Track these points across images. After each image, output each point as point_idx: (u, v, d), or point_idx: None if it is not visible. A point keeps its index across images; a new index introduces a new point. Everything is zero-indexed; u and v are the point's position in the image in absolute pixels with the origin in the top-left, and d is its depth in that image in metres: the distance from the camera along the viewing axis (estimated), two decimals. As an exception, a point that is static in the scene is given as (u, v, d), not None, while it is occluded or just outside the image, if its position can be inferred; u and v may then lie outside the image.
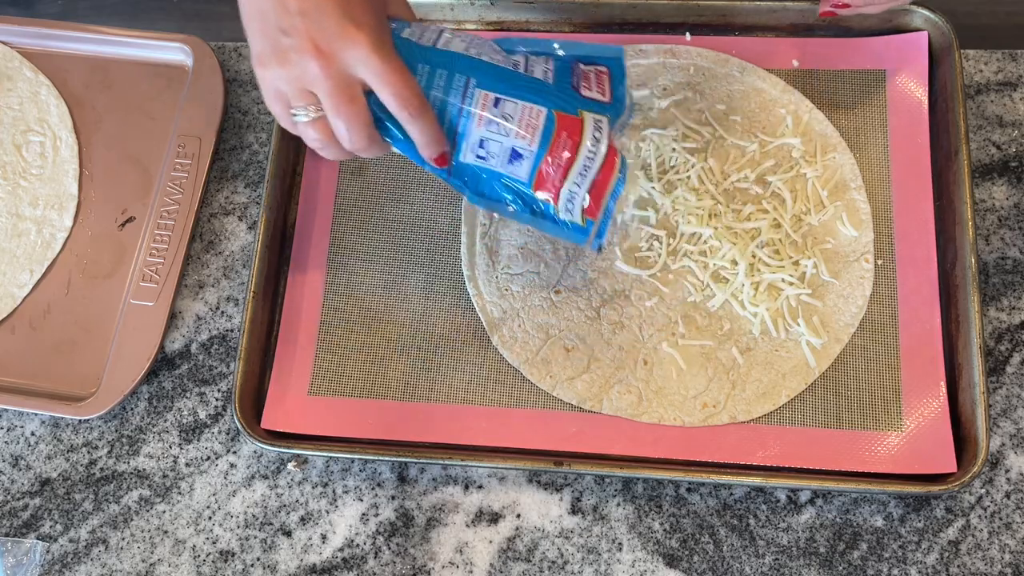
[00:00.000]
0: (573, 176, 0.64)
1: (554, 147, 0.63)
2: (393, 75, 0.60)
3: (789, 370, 0.73)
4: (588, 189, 0.64)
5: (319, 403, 0.75)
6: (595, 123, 0.64)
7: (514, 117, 0.63)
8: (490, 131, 0.63)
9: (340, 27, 0.59)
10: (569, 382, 0.74)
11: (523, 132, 0.63)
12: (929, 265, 0.75)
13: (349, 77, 0.60)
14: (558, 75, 0.65)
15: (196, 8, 0.92)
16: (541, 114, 0.63)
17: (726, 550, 0.70)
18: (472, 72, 0.63)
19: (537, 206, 0.66)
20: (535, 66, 0.66)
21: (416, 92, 0.61)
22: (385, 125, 0.63)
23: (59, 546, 0.73)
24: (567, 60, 0.67)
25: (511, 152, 0.64)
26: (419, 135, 0.63)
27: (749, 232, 0.75)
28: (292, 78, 0.61)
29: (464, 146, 0.64)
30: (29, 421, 0.77)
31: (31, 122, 0.85)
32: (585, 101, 0.65)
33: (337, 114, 0.61)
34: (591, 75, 0.67)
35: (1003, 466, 0.71)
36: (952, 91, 0.77)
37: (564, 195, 0.64)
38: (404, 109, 0.61)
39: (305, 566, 0.72)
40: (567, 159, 0.64)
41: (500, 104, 0.63)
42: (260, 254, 0.77)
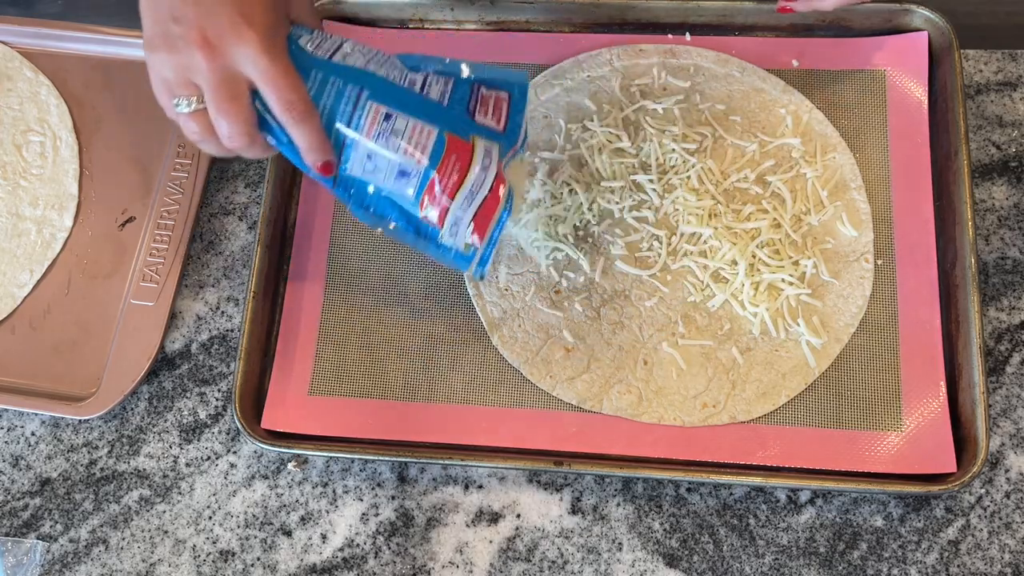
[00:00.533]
0: (459, 201, 0.63)
1: (442, 169, 0.62)
2: (280, 78, 0.59)
3: (789, 370, 0.73)
4: (473, 216, 0.64)
5: (319, 403, 0.75)
6: (485, 150, 0.63)
7: (404, 133, 0.62)
8: (379, 145, 0.62)
9: (232, 22, 0.58)
10: (569, 382, 0.74)
11: (412, 150, 0.62)
12: (929, 265, 0.75)
13: (235, 74, 0.59)
14: (455, 97, 0.64)
15: (196, 8, 0.92)
16: (432, 134, 0.62)
17: (726, 550, 0.70)
18: (365, 84, 0.62)
19: (421, 228, 0.65)
20: (433, 86, 0.64)
21: (302, 96, 0.60)
22: (270, 126, 0.62)
23: (59, 546, 0.73)
24: (469, 81, 0.66)
25: (398, 169, 0.63)
26: (302, 140, 0.61)
27: (749, 232, 0.76)
28: (177, 66, 0.59)
29: (352, 157, 0.63)
30: (29, 421, 0.77)
31: (31, 122, 0.85)
32: (478, 127, 0.64)
33: (218, 110, 0.60)
34: (490, 100, 0.66)
35: (1003, 466, 0.71)
36: (952, 91, 0.77)
37: (449, 219, 0.64)
38: (288, 112, 0.60)
39: (305, 566, 0.72)
40: (454, 183, 0.63)
41: (391, 119, 0.62)
42: (260, 254, 0.77)
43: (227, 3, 0.58)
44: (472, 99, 0.65)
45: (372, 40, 0.85)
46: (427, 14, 0.86)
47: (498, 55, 0.84)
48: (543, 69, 0.83)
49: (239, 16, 0.58)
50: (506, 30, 0.85)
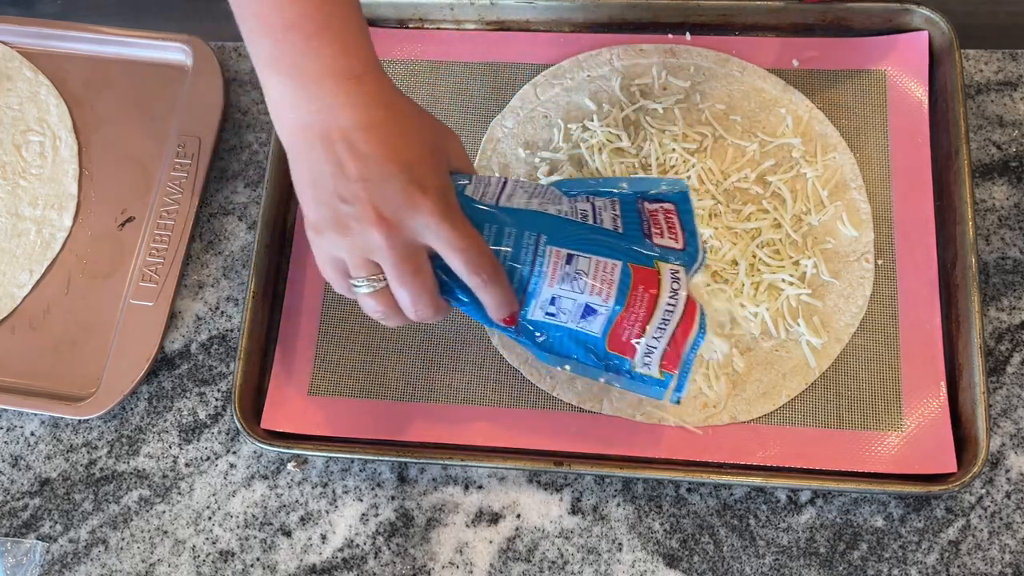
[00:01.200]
0: (651, 331, 0.61)
1: (631, 302, 0.60)
2: (463, 241, 0.56)
3: (789, 370, 0.73)
4: (667, 343, 0.61)
5: (319, 403, 0.75)
6: (672, 274, 0.61)
7: (588, 273, 0.60)
8: (563, 289, 0.60)
9: (405, 193, 0.55)
10: (569, 382, 0.74)
11: (598, 288, 0.60)
12: (929, 265, 0.75)
13: (415, 245, 0.57)
14: (626, 220, 0.62)
15: (196, 8, 0.92)
16: (616, 268, 0.60)
17: (726, 550, 0.70)
18: (541, 228, 0.60)
19: (611, 362, 0.63)
20: (603, 213, 0.62)
21: (488, 257, 0.58)
22: (450, 287, 0.60)
23: (59, 546, 0.73)
24: (631, 198, 0.64)
25: (584, 308, 0.61)
26: (490, 300, 0.59)
27: (749, 232, 0.75)
28: (353, 247, 0.57)
29: (533, 304, 0.61)
30: (29, 421, 0.77)
31: (31, 122, 0.85)
32: (659, 251, 0.62)
33: (402, 285, 0.57)
34: (659, 216, 0.63)
35: (1003, 466, 0.71)
36: (952, 91, 0.77)
37: (641, 350, 0.61)
38: (477, 276, 0.57)
39: (305, 566, 0.72)
40: (645, 314, 0.60)
41: (573, 260, 0.60)
42: (260, 254, 0.77)
43: (397, 174, 0.55)
44: (643, 220, 0.63)
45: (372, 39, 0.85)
46: (427, 14, 0.85)
47: (498, 55, 0.84)
48: (543, 69, 0.83)
49: (412, 186, 0.55)
50: (506, 30, 0.85)
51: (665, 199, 0.64)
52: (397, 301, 0.59)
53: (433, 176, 0.57)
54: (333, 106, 0.56)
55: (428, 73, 0.84)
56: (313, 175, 0.57)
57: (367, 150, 0.56)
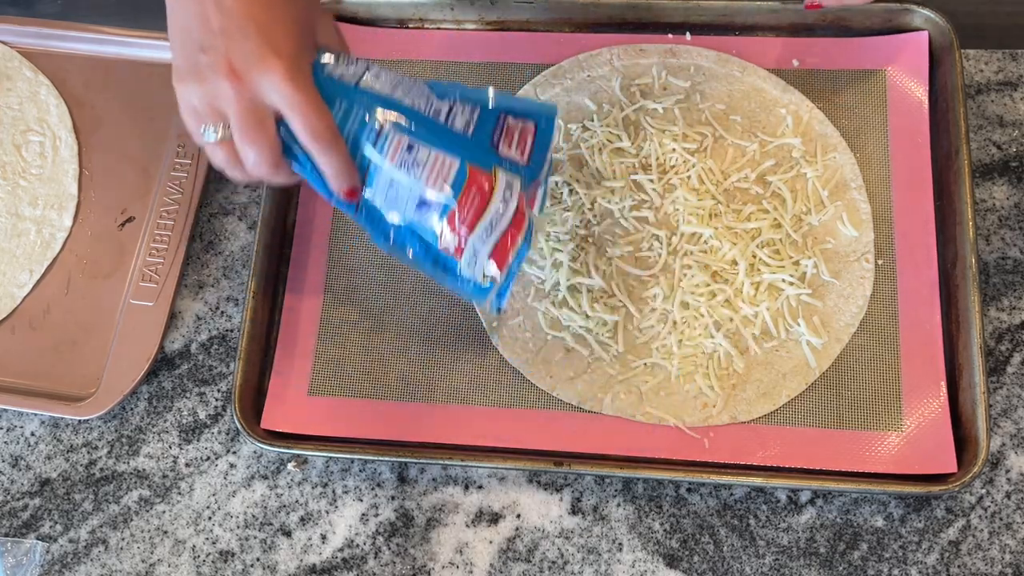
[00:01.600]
0: (478, 233, 0.63)
1: (463, 200, 0.62)
2: (306, 105, 0.59)
3: (789, 370, 0.73)
4: (492, 248, 0.64)
5: (319, 403, 0.75)
6: (507, 182, 0.63)
7: (426, 164, 0.62)
8: (400, 174, 0.62)
9: (258, 51, 0.58)
10: (569, 382, 0.74)
11: (433, 180, 0.62)
12: (929, 265, 0.75)
13: (261, 102, 0.60)
14: (480, 126, 0.64)
15: (196, 8, 0.92)
16: (454, 165, 0.62)
17: (726, 550, 0.70)
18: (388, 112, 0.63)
19: (440, 259, 0.65)
20: (458, 116, 0.64)
21: (328, 124, 0.60)
22: (295, 154, 0.62)
23: (59, 546, 0.73)
24: (495, 111, 0.66)
25: (419, 200, 0.63)
26: (329, 168, 0.62)
27: (749, 232, 0.75)
28: (205, 95, 0.60)
29: (374, 186, 0.63)
30: (29, 421, 0.77)
31: (31, 122, 0.85)
32: (501, 159, 0.64)
33: (244, 138, 0.60)
34: (515, 131, 0.66)
35: (1003, 466, 0.71)
36: (952, 91, 0.77)
37: (467, 251, 0.63)
38: (315, 141, 0.60)
39: (305, 566, 0.72)
40: (474, 214, 0.63)
41: (413, 149, 0.62)
42: (260, 254, 0.77)
43: (253, 33, 0.58)
44: (497, 129, 0.65)
45: (372, 39, 0.85)
46: (427, 14, 0.86)
47: (498, 55, 0.84)
48: (543, 69, 0.83)
49: (265, 45, 0.58)
50: (506, 30, 0.85)
51: (528, 116, 0.67)
52: (239, 153, 0.61)
53: (289, 42, 0.59)
54: None
55: (428, 73, 0.84)
56: (182, 24, 0.61)
57: (231, 6, 0.59)
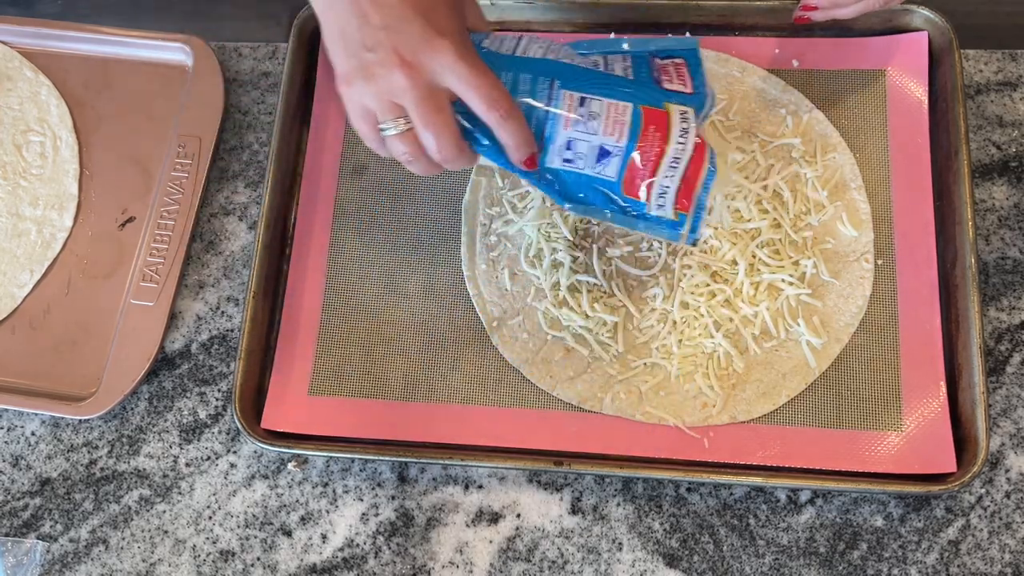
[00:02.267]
0: (663, 170, 0.63)
1: (643, 142, 0.62)
2: (479, 79, 0.60)
3: (789, 370, 0.73)
4: (679, 183, 0.63)
5: (319, 403, 0.75)
6: (681, 115, 0.63)
7: (600, 115, 0.62)
8: (577, 131, 0.63)
9: (424, 36, 0.59)
10: (569, 382, 0.74)
11: (610, 129, 0.62)
12: (929, 265, 0.75)
13: (436, 86, 0.60)
14: (637, 70, 0.65)
15: (196, 8, 0.92)
16: (627, 110, 0.63)
17: (726, 550, 0.70)
18: (555, 74, 0.63)
19: (628, 205, 0.65)
20: (614, 64, 0.65)
21: (504, 94, 0.61)
22: (472, 134, 0.63)
23: (59, 546, 0.73)
24: (643, 55, 0.66)
25: (599, 151, 0.63)
26: (509, 138, 0.62)
27: (749, 232, 0.76)
28: (378, 92, 0.60)
29: (551, 149, 0.64)
30: (29, 421, 0.77)
31: (31, 122, 0.85)
32: (669, 94, 0.64)
33: (425, 124, 0.60)
34: (670, 68, 0.66)
35: (1003, 466, 0.71)
36: (952, 91, 0.77)
37: (655, 191, 0.63)
38: (493, 111, 0.60)
39: (305, 566, 0.72)
40: (656, 154, 0.62)
41: (586, 103, 0.63)
42: (260, 254, 0.77)
43: (416, 20, 0.59)
44: (652, 70, 0.65)
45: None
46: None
47: (498, 55, 0.84)
48: (543, 69, 0.83)
49: (430, 29, 0.59)
50: (506, 30, 0.85)
51: (675, 54, 0.67)
52: (421, 142, 0.61)
53: (450, 21, 0.60)
54: None
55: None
56: (340, 28, 0.60)
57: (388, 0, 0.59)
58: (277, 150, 0.80)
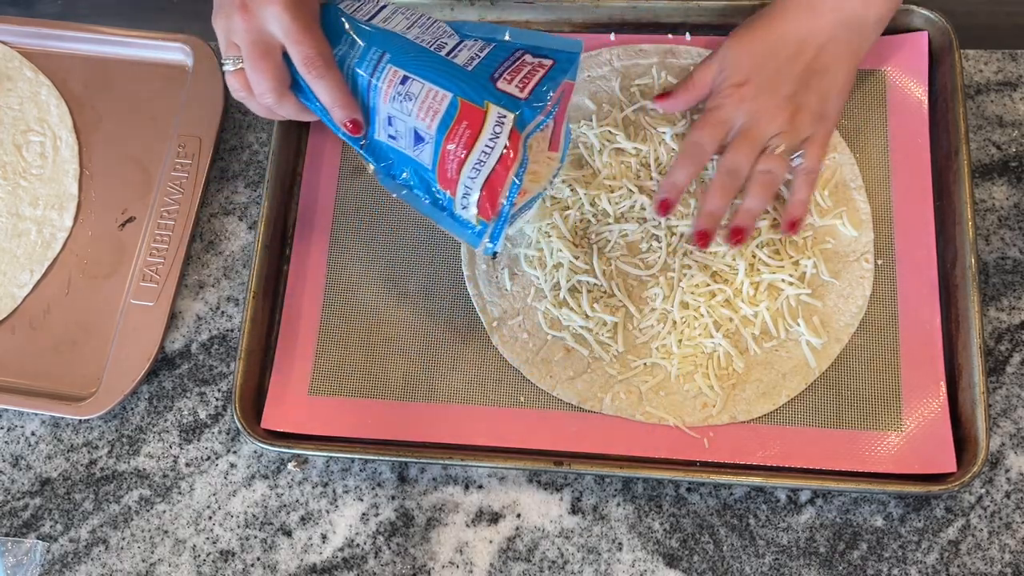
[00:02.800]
0: (467, 171, 0.62)
1: (452, 135, 0.61)
2: (301, 34, 0.63)
3: (789, 370, 0.73)
4: (481, 186, 0.62)
5: (319, 403, 0.75)
6: (498, 117, 0.61)
7: (417, 97, 0.62)
8: (395, 109, 0.63)
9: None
10: (569, 382, 0.74)
11: (423, 114, 0.62)
12: (929, 265, 0.75)
13: (266, 34, 0.64)
14: (485, 62, 0.63)
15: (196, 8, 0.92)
16: (445, 99, 0.62)
17: (726, 550, 0.70)
18: (388, 47, 0.63)
19: (438, 198, 0.65)
20: (463, 50, 0.63)
21: (321, 51, 0.64)
22: (302, 87, 0.65)
23: (59, 546, 0.73)
24: (511, 47, 0.64)
25: (414, 134, 0.63)
26: (325, 96, 0.65)
27: (749, 232, 0.76)
28: (225, 30, 0.65)
29: (376, 121, 0.64)
30: (29, 421, 0.77)
31: (31, 122, 0.85)
32: (497, 94, 0.62)
33: (251, 67, 0.65)
34: (525, 68, 0.63)
35: (1003, 466, 0.71)
36: (952, 91, 0.77)
37: (460, 189, 0.63)
38: (307, 67, 0.64)
39: (305, 566, 0.72)
40: (464, 152, 0.61)
41: (407, 82, 0.62)
42: (260, 254, 0.77)
43: None
44: (503, 65, 0.63)
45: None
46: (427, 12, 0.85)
47: (498, 55, 0.84)
48: (543, 69, 0.83)
49: None
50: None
51: (549, 56, 0.65)
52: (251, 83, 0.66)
53: None
54: None
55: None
56: None
57: None
58: (277, 150, 0.80)
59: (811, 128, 0.73)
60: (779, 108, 0.72)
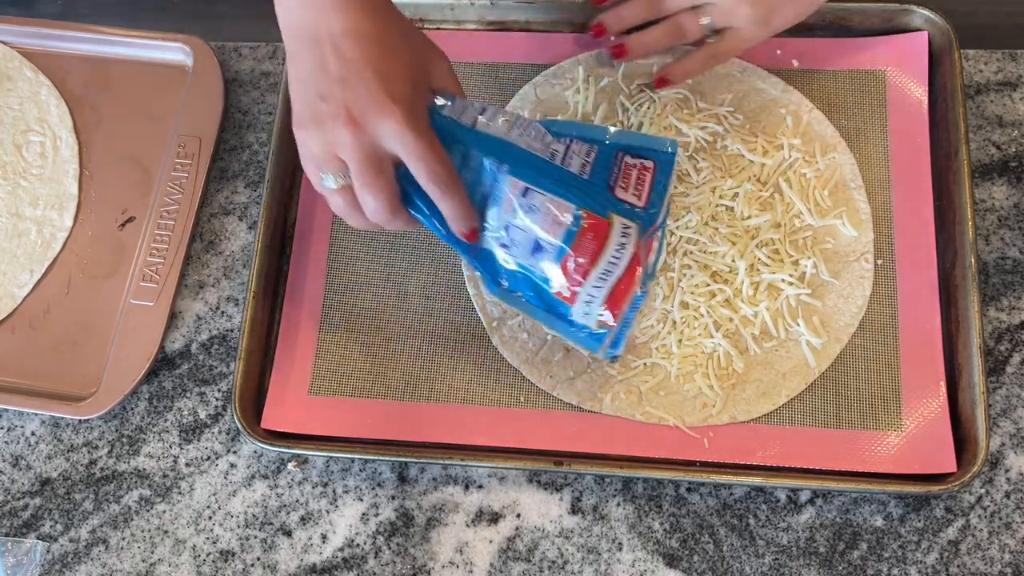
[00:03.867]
0: (592, 280, 0.62)
1: (577, 246, 0.61)
2: (424, 150, 0.60)
3: (789, 370, 0.73)
4: (606, 297, 0.62)
5: (319, 403, 0.75)
6: (623, 229, 0.62)
7: (540, 209, 0.61)
8: (515, 220, 0.62)
9: (375, 98, 0.59)
10: (569, 382, 0.74)
11: (547, 226, 0.61)
12: (929, 265, 0.75)
13: (379, 149, 0.60)
14: (597, 167, 0.63)
15: (196, 8, 0.92)
16: (568, 210, 0.61)
17: (726, 550, 0.70)
18: (505, 157, 0.62)
19: (554, 305, 0.64)
20: (574, 157, 0.64)
21: (447, 167, 0.61)
22: (413, 200, 0.62)
23: (59, 546, 0.73)
24: (612, 149, 0.65)
25: (534, 244, 0.62)
26: (449, 211, 0.62)
27: (749, 232, 0.76)
28: (324, 142, 0.61)
29: (489, 228, 0.63)
30: (29, 421, 0.77)
31: (31, 122, 0.85)
32: (618, 203, 0.62)
33: (363, 185, 0.61)
34: (633, 172, 0.64)
35: (1003, 466, 0.71)
36: (952, 91, 0.77)
37: (581, 297, 0.62)
38: (434, 184, 0.60)
39: (305, 566, 0.72)
40: (589, 261, 0.61)
41: (528, 194, 0.62)
42: (260, 254, 0.77)
43: (370, 80, 0.59)
44: (614, 170, 0.64)
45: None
46: (427, 14, 0.85)
47: (498, 55, 0.84)
48: (543, 69, 0.83)
49: (382, 92, 0.59)
50: (506, 30, 0.85)
51: (648, 156, 0.65)
52: (359, 200, 0.62)
53: (405, 87, 0.60)
54: (328, 11, 0.60)
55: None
56: (302, 73, 0.61)
57: (350, 55, 0.60)
58: (277, 150, 0.80)
59: (746, 22, 0.75)
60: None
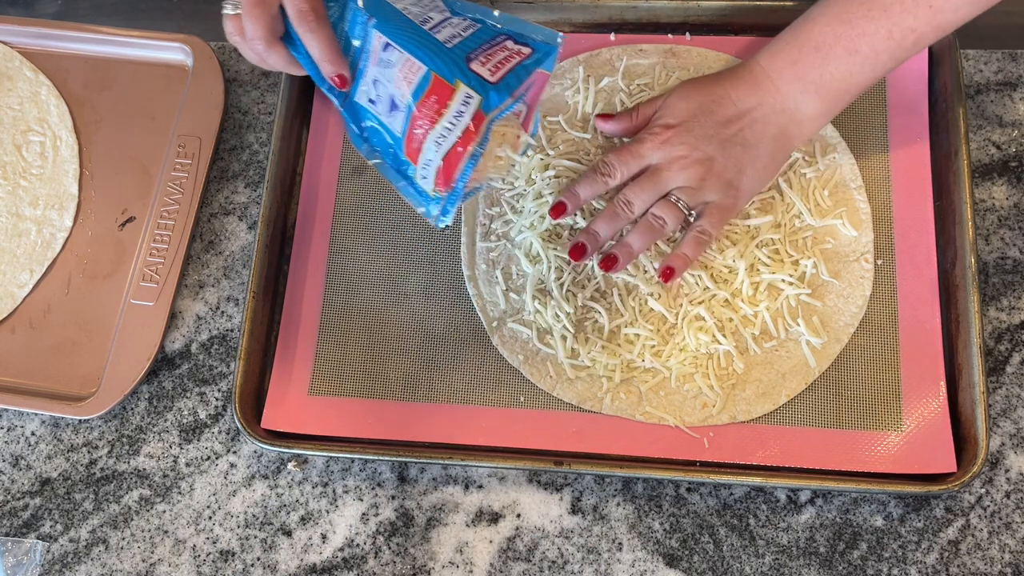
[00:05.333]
0: (429, 143, 0.64)
1: (422, 106, 0.63)
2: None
3: (789, 370, 0.73)
4: (441, 159, 0.64)
5: (319, 403, 0.75)
6: (465, 96, 0.63)
7: (396, 64, 0.64)
8: (379, 72, 0.65)
9: None
10: (569, 382, 0.74)
11: (399, 83, 0.64)
12: (929, 265, 0.75)
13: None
14: (466, 42, 0.65)
15: (196, 8, 0.92)
16: (420, 71, 0.64)
17: (726, 550, 0.70)
18: (375, 13, 0.65)
19: (401, 165, 0.66)
20: (447, 27, 0.66)
21: (314, 6, 0.64)
22: (294, 40, 0.66)
23: (59, 546, 0.73)
24: (495, 32, 0.66)
25: (391, 102, 0.65)
26: (314, 49, 0.65)
27: (749, 232, 0.76)
28: None
29: (361, 83, 0.66)
30: (29, 421, 0.77)
31: (31, 122, 0.85)
32: (469, 74, 0.64)
33: (246, 12, 0.65)
34: (502, 53, 0.66)
35: (1003, 466, 0.71)
36: (952, 91, 0.77)
37: (421, 159, 0.65)
38: (300, 21, 0.64)
39: (305, 566, 0.72)
40: (430, 122, 0.64)
41: (388, 49, 0.64)
42: (260, 254, 0.77)
43: None
44: (482, 47, 0.65)
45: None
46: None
47: (498, 55, 0.84)
48: (543, 69, 0.83)
49: None
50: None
51: (529, 44, 0.66)
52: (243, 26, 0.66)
53: None
54: None
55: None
56: None
57: None
58: (277, 150, 0.80)
59: (717, 194, 0.73)
60: (694, 163, 0.72)
